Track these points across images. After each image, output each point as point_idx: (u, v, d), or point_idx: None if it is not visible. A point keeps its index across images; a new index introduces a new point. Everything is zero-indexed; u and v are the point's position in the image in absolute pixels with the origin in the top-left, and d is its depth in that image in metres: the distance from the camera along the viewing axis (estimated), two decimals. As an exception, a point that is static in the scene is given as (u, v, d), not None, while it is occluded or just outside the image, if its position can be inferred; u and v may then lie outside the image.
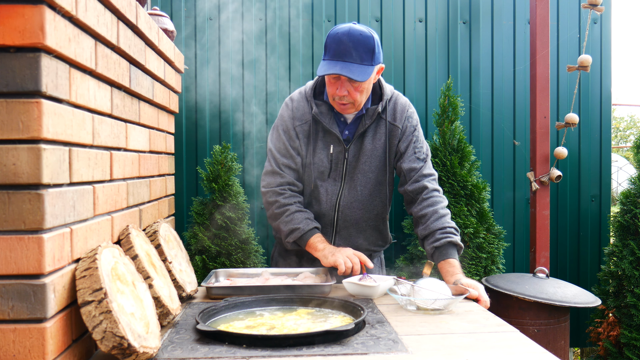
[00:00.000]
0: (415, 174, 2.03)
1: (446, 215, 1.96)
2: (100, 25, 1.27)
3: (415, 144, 2.07)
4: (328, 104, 2.03)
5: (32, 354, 1.01)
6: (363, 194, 2.08)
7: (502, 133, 3.37)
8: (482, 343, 1.30)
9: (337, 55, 1.85)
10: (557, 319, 2.62)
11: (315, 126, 2.03)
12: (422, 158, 2.07)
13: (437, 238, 1.89)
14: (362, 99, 1.95)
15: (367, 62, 1.86)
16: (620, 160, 10.40)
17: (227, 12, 3.20)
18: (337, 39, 1.85)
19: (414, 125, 2.09)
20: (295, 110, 2.05)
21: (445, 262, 1.86)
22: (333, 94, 1.93)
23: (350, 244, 2.11)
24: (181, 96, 3.15)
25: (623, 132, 18.93)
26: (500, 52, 3.36)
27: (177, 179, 3.07)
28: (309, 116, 2.03)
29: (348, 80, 1.87)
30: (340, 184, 2.07)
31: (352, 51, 1.84)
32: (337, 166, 2.05)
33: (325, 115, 2.02)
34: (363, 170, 2.06)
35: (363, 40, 1.85)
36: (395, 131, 2.07)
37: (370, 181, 2.08)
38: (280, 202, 2.02)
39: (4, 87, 1.00)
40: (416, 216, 2.01)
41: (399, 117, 2.07)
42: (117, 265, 1.21)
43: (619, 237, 2.91)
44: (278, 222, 2.03)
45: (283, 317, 1.49)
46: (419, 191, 2.02)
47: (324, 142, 2.04)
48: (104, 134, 1.36)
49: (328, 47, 1.88)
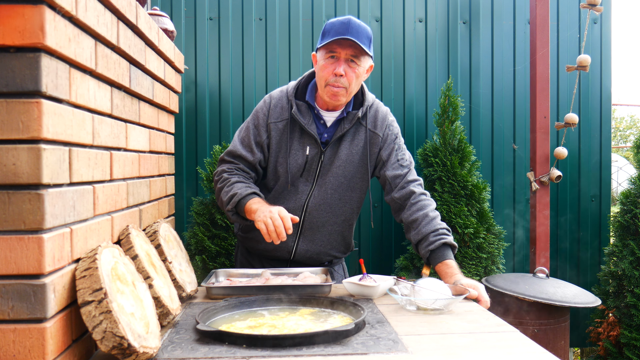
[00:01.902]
0: (401, 180, 2.01)
1: (436, 218, 1.94)
2: (100, 25, 1.27)
3: (397, 152, 2.05)
4: (308, 104, 2.01)
5: (32, 354, 1.01)
6: (333, 198, 2.06)
7: (502, 133, 3.37)
8: (482, 343, 1.30)
9: (340, 33, 1.84)
10: (557, 319, 2.62)
11: (292, 126, 2.01)
12: (406, 165, 2.04)
13: (431, 241, 1.87)
14: (354, 87, 1.93)
15: (367, 46, 1.88)
16: (620, 160, 10.40)
17: (227, 12, 3.20)
18: (339, 22, 1.86)
19: (395, 134, 2.07)
20: (273, 107, 2.03)
21: (443, 263, 1.85)
22: (328, 75, 1.90)
23: (313, 246, 2.09)
24: (181, 96, 3.15)
25: (623, 132, 18.93)
26: (500, 52, 3.36)
27: (177, 179, 3.07)
28: (287, 114, 2.01)
29: (346, 61, 1.87)
30: (312, 185, 2.04)
31: (355, 32, 1.84)
32: (310, 167, 2.02)
33: (305, 115, 2.00)
34: (336, 174, 2.03)
35: (364, 28, 1.88)
36: (376, 139, 2.04)
37: (342, 186, 2.05)
38: (224, 177, 2.00)
39: (4, 87, 1.00)
40: (407, 222, 1.98)
41: (379, 124, 2.05)
42: (117, 265, 1.21)
43: (619, 237, 2.91)
44: (220, 195, 1.99)
45: (285, 317, 1.49)
46: (406, 197, 1.99)
47: (300, 143, 2.01)
48: (104, 134, 1.36)
49: (327, 31, 1.87)
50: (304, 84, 2.06)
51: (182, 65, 2.36)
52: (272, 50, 3.22)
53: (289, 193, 2.05)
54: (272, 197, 2.06)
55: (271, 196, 2.06)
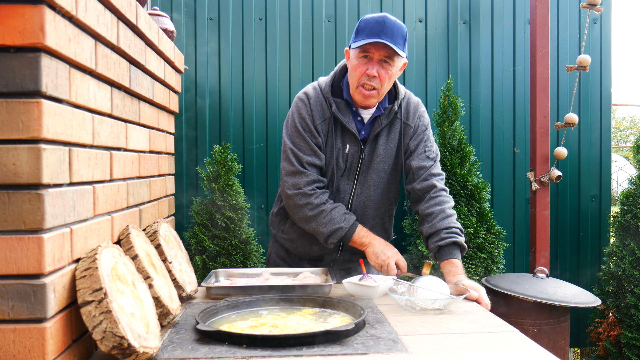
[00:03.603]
0: (425, 172, 2.01)
1: (452, 216, 1.95)
2: (100, 25, 1.27)
3: (426, 143, 2.05)
4: (345, 101, 1.99)
5: (32, 354, 1.01)
6: (375, 194, 2.06)
7: (502, 133, 3.37)
8: (482, 343, 1.30)
9: (374, 34, 1.81)
10: (557, 319, 2.62)
11: (334, 124, 1.99)
12: (432, 157, 2.05)
13: (442, 237, 1.88)
14: (386, 87, 1.92)
15: (401, 47, 1.85)
16: (620, 160, 10.41)
17: (227, 12, 3.20)
18: (374, 20, 1.83)
19: (425, 125, 2.08)
20: (314, 107, 1.99)
21: (448, 261, 1.85)
22: (360, 75, 1.88)
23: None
24: (181, 96, 3.15)
25: (623, 132, 18.93)
26: (500, 52, 3.36)
27: (177, 179, 3.07)
28: (328, 113, 1.98)
29: (379, 62, 1.85)
30: (353, 183, 2.04)
31: (390, 32, 1.82)
32: (352, 165, 2.02)
33: (345, 113, 1.98)
34: (377, 169, 2.04)
35: (399, 26, 1.85)
36: (408, 130, 2.05)
37: (383, 181, 2.06)
38: (313, 204, 1.95)
39: (4, 87, 1.00)
40: (422, 214, 1.98)
41: (412, 115, 2.05)
42: (117, 265, 1.21)
43: (619, 237, 2.91)
44: (315, 225, 1.96)
45: (286, 317, 1.49)
46: (427, 189, 2.00)
47: (342, 141, 2.00)
48: (104, 134, 1.36)
49: (362, 29, 1.84)
50: (338, 80, 2.03)
51: (182, 65, 2.36)
52: (272, 50, 3.22)
53: (332, 194, 2.03)
54: None
55: None
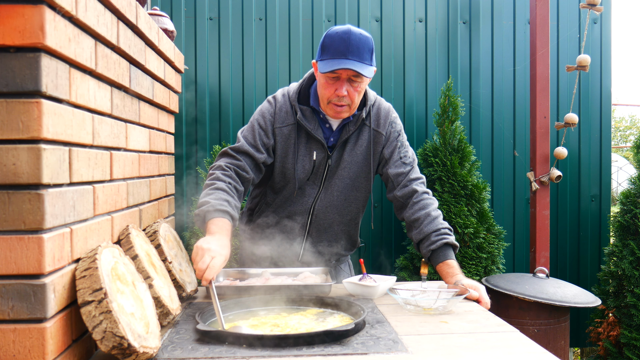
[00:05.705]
0: (404, 178, 2.00)
1: (439, 217, 1.94)
2: (100, 25, 1.27)
3: (400, 149, 2.03)
4: (312, 109, 1.98)
5: (32, 354, 1.01)
6: (339, 199, 2.06)
7: (502, 133, 3.37)
8: (482, 343, 1.30)
9: (340, 53, 1.80)
10: (557, 319, 2.62)
11: (298, 131, 1.98)
12: (409, 162, 2.03)
13: (433, 241, 1.87)
14: (357, 101, 1.91)
15: (368, 61, 1.84)
16: (620, 160, 10.41)
17: (227, 12, 3.20)
18: (339, 37, 1.81)
19: (397, 131, 2.05)
20: (278, 111, 1.99)
21: (444, 263, 1.85)
22: (330, 95, 1.87)
23: (320, 246, 2.10)
24: (181, 96, 3.15)
25: (623, 132, 18.93)
26: (500, 52, 3.36)
27: (177, 179, 3.07)
28: (292, 119, 1.98)
29: (348, 80, 1.84)
30: (318, 189, 2.04)
31: (355, 49, 1.80)
32: (317, 171, 2.01)
33: (310, 121, 1.97)
34: (341, 176, 2.03)
35: (364, 40, 1.82)
36: (379, 138, 2.03)
37: (347, 187, 2.05)
38: (216, 175, 1.86)
39: (4, 87, 1.00)
40: (409, 221, 1.98)
41: (382, 123, 2.03)
42: (117, 265, 1.21)
43: (619, 237, 2.92)
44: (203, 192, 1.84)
45: (287, 317, 1.49)
46: (409, 195, 1.99)
47: (307, 148, 1.99)
48: (104, 134, 1.36)
49: (327, 46, 1.83)
50: (305, 88, 2.02)
51: (182, 65, 2.36)
52: (272, 50, 3.22)
53: (295, 197, 2.04)
54: (280, 201, 2.07)
55: (278, 200, 2.07)
